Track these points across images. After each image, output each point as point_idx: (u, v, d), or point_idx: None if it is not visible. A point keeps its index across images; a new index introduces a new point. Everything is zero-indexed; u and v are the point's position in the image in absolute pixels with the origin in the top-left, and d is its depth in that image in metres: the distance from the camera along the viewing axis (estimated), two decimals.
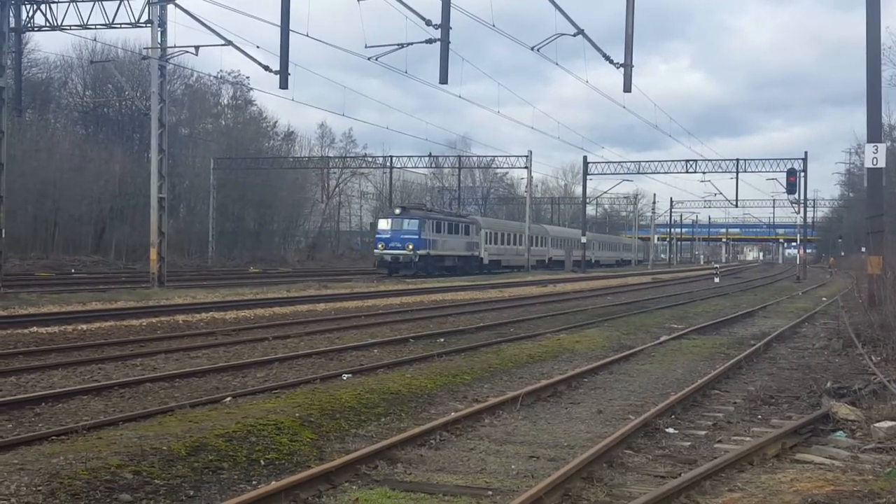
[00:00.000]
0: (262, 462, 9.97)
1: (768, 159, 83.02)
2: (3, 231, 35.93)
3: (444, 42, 32.06)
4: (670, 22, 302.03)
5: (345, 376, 15.69)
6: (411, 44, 35.15)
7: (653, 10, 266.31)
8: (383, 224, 65.96)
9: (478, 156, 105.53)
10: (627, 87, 33.87)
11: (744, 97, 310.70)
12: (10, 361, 17.05)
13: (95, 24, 42.28)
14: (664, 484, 9.15)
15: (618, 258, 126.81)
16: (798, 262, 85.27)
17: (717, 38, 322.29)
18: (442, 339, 22.34)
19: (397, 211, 65.82)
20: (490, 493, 9.04)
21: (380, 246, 64.31)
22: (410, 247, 62.80)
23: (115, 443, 9.86)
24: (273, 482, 8.99)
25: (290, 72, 34.08)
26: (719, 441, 11.64)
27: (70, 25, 43.24)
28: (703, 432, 12.15)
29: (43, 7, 42.31)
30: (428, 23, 32.76)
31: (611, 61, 35.12)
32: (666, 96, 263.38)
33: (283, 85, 34.36)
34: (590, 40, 35.43)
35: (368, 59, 35.46)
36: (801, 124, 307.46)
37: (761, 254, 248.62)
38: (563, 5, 31.65)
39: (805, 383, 16.41)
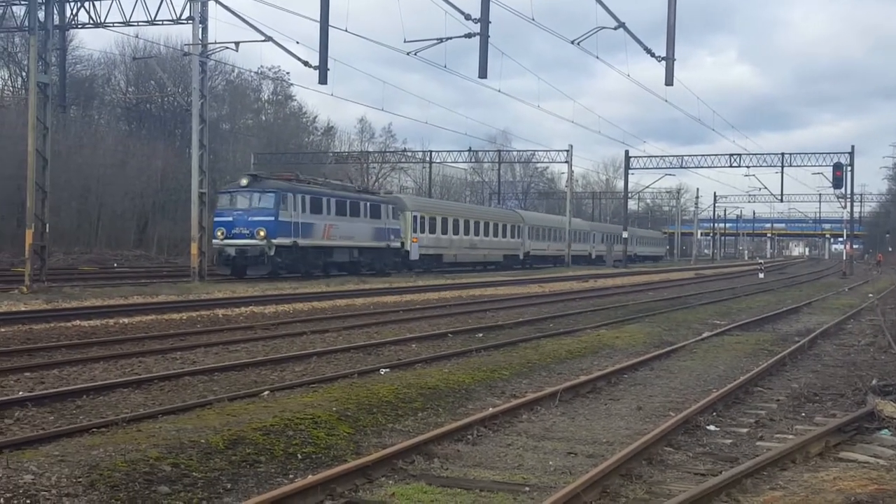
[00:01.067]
0: (299, 456, 9.99)
1: (814, 153, 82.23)
2: (48, 226, 36.21)
3: (484, 36, 32.03)
4: (717, 14, 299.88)
5: (382, 371, 15.71)
6: (450, 38, 35.21)
7: (699, 3, 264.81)
8: (224, 201, 45.35)
9: (518, 150, 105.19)
10: (669, 81, 33.72)
11: (791, 90, 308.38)
12: (53, 354, 17.22)
13: (138, 21, 42.52)
14: (704, 482, 9.06)
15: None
16: (844, 257, 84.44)
17: (765, 30, 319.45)
18: (480, 334, 22.30)
19: (244, 181, 45.11)
20: (527, 489, 9.01)
21: (219, 234, 43.62)
22: (262, 233, 42.80)
23: (154, 435, 9.93)
24: (310, 476, 8.99)
25: (329, 67, 34.19)
26: (761, 439, 11.51)
27: (113, 22, 43.51)
28: (744, 430, 12.02)
29: (87, 5, 42.61)
30: (467, 17, 32.74)
31: (652, 55, 34.96)
32: (711, 89, 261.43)
33: (323, 80, 34.48)
34: (631, 34, 35.29)
35: (408, 53, 35.57)
36: (849, 118, 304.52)
37: (807, 249, 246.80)
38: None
39: (850, 381, 16.21)
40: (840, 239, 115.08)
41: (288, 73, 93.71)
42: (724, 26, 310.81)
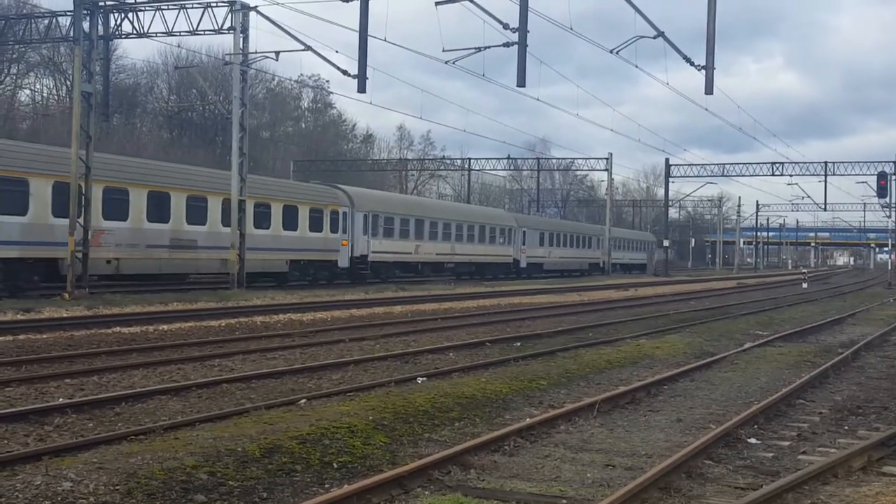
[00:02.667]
0: (335, 465, 9.98)
1: (858, 162, 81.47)
2: (90, 233, 36.42)
3: (522, 45, 31.99)
4: (764, 20, 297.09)
5: (419, 380, 15.68)
6: (488, 47, 35.17)
7: (746, 8, 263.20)
8: None
9: (557, 158, 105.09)
10: (709, 90, 33.54)
11: (838, 98, 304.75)
12: (93, 361, 17.34)
13: (180, 31, 42.83)
14: (744, 496, 8.99)
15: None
16: (890, 267, 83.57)
17: (813, 36, 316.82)
18: (518, 343, 22.21)
19: None
20: (564, 501, 8.96)
21: None
22: None
23: (192, 443, 9.95)
24: (345, 485, 9.00)
25: (368, 76, 34.26)
26: (803, 452, 11.37)
27: (156, 32, 43.79)
28: (786, 443, 11.89)
29: (130, 15, 42.94)
30: (505, 26, 32.75)
31: (692, 63, 34.83)
32: (756, 97, 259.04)
33: (362, 89, 34.55)
34: (670, 42, 35.16)
35: (446, 62, 35.57)
36: None
37: (851, 258, 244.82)
38: (645, 6, 31.45)
39: (894, 393, 16.05)
40: (885, 248, 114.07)
41: (327, 81, 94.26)
42: (770, 32, 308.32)
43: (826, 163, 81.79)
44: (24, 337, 20.46)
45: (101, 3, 41.57)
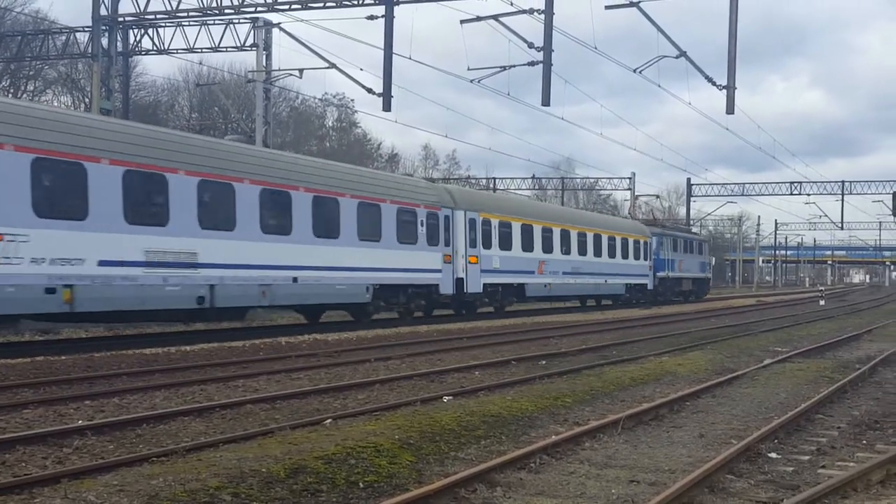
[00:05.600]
0: (361, 485, 9.89)
1: (874, 181, 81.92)
2: None
3: (547, 64, 32.09)
4: (791, 39, 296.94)
5: (445, 398, 15.59)
6: (513, 66, 35.27)
7: (774, 27, 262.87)
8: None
9: (581, 177, 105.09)
10: (730, 109, 33.62)
11: (863, 116, 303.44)
12: (114, 382, 17.25)
13: (202, 48, 43.08)
14: None
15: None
16: None
17: (841, 55, 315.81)
18: (544, 362, 22.14)
19: None
20: None
21: None
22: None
23: (215, 464, 9.87)
24: None
25: (393, 94, 34.29)
26: (823, 466, 11.36)
27: (177, 49, 44.12)
28: (806, 457, 11.85)
29: (150, 31, 43.19)
30: (530, 45, 32.87)
31: (713, 83, 34.86)
32: (782, 116, 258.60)
33: (387, 107, 34.62)
34: (692, 62, 35.28)
35: (471, 81, 35.65)
36: None
37: (867, 276, 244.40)
38: (670, 27, 31.52)
39: None
40: None
41: (352, 100, 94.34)
42: (798, 50, 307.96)
43: (843, 182, 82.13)
44: (43, 358, 20.45)
45: (120, 19, 41.85)
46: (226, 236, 26.14)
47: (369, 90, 37.30)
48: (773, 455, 11.91)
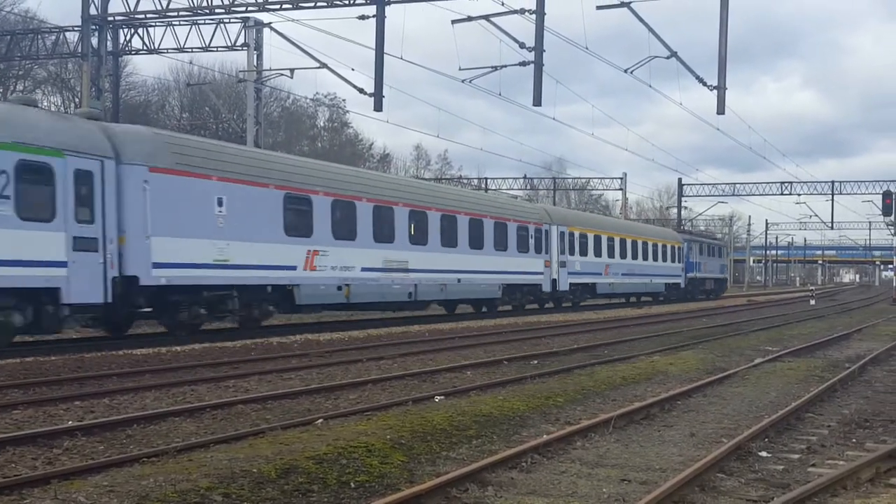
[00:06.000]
0: (353, 485, 9.86)
1: (864, 181, 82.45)
2: None
3: (538, 64, 32.07)
4: (784, 39, 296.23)
5: (437, 398, 15.57)
6: (505, 66, 35.23)
7: (767, 28, 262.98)
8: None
9: (573, 177, 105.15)
10: (721, 110, 33.68)
11: (854, 117, 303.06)
12: (104, 383, 17.20)
13: (192, 48, 42.97)
14: None
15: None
16: (894, 284, 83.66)
17: (832, 55, 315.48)
18: (535, 361, 22.15)
19: None
20: None
21: None
22: None
23: (206, 465, 9.85)
24: None
25: (384, 94, 34.22)
26: (812, 465, 11.39)
27: (167, 49, 44.01)
28: (796, 456, 11.88)
29: (140, 31, 43.09)
30: (521, 45, 32.84)
31: (704, 83, 34.89)
32: (774, 116, 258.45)
33: (378, 108, 34.51)
34: (683, 63, 35.32)
35: (462, 81, 35.63)
36: None
37: (857, 276, 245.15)
38: (661, 27, 31.61)
39: None
40: (890, 266, 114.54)
41: (344, 100, 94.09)
42: (790, 51, 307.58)
43: (833, 182, 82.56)
44: (32, 359, 20.37)
45: (110, 19, 41.70)
46: (422, 250, 35.99)
47: (361, 90, 37.23)
48: (764, 454, 11.93)
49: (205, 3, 39.34)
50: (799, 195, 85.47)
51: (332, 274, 30.61)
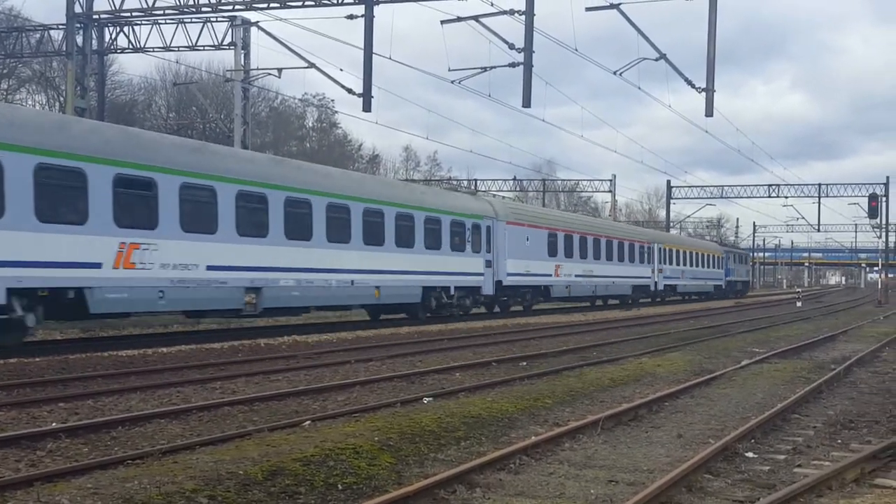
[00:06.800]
0: (340, 486, 9.80)
1: (850, 184, 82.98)
2: None
3: (527, 66, 32.04)
4: (774, 42, 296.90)
5: (426, 399, 15.52)
6: (494, 67, 35.19)
7: (757, 30, 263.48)
8: None
9: (562, 179, 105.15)
10: (709, 112, 33.73)
11: (843, 119, 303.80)
12: (89, 384, 17.09)
13: (178, 46, 42.80)
14: None
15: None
16: (880, 286, 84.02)
17: (822, 58, 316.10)
18: (524, 363, 22.11)
19: None
20: None
21: None
22: None
23: (191, 467, 9.77)
24: None
25: (373, 94, 34.13)
26: (798, 465, 11.47)
27: (153, 47, 43.82)
28: (782, 457, 11.96)
29: (126, 29, 42.91)
30: (511, 46, 32.79)
31: (693, 86, 34.90)
32: (762, 119, 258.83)
33: (367, 108, 34.43)
34: (672, 65, 35.33)
35: (452, 82, 35.56)
36: None
37: (843, 278, 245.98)
38: (651, 30, 31.65)
39: (885, 408, 16.13)
40: (876, 268, 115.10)
41: (332, 100, 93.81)
42: (779, 53, 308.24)
43: (820, 185, 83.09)
44: (16, 360, 20.18)
45: (96, 17, 41.48)
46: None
47: (349, 90, 37.08)
48: (750, 454, 12.00)
49: (191, 2, 39.25)
50: (786, 197, 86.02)
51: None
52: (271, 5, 37.97)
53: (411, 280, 35.24)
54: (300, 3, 37.68)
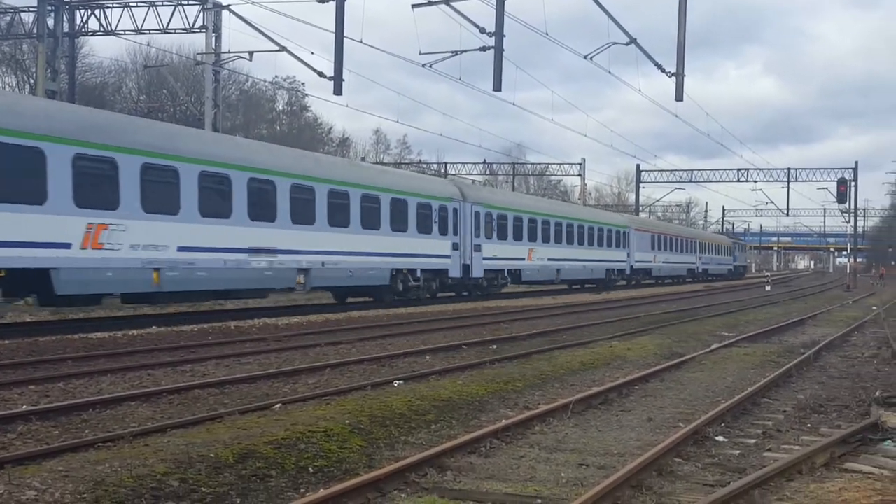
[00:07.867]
0: (311, 469, 9.84)
1: (819, 169, 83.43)
2: None
3: (498, 50, 31.97)
4: (747, 26, 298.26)
5: (396, 383, 15.55)
6: (465, 51, 35.15)
7: (731, 14, 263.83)
8: None
9: (532, 163, 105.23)
10: (679, 96, 33.74)
11: (814, 103, 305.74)
12: (59, 367, 17.04)
13: (150, 29, 42.61)
14: (713, 493, 9.07)
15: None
16: (848, 271, 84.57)
17: (795, 43, 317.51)
18: (495, 346, 22.13)
19: None
20: (539, 501, 8.91)
21: None
22: None
23: (162, 450, 9.78)
24: (321, 490, 8.86)
25: (344, 78, 34.04)
26: (768, 449, 11.55)
27: (124, 30, 43.59)
28: (752, 440, 12.06)
29: (97, 12, 42.66)
30: (482, 30, 32.75)
31: (663, 70, 34.96)
32: (734, 103, 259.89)
33: (338, 91, 34.30)
34: (642, 49, 35.36)
35: (423, 65, 35.52)
36: (868, 132, 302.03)
37: (812, 262, 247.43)
38: (622, 14, 31.63)
39: (854, 392, 16.24)
40: (844, 253, 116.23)
41: (303, 83, 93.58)
42: (753, 37, 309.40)
43: (789, 169, 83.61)
44: None
45: None
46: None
47: (320, 74, 37.06)
48: (721, 438, 12.07)
49: None
50: (755, 182, 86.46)
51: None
52: None
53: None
54: None
